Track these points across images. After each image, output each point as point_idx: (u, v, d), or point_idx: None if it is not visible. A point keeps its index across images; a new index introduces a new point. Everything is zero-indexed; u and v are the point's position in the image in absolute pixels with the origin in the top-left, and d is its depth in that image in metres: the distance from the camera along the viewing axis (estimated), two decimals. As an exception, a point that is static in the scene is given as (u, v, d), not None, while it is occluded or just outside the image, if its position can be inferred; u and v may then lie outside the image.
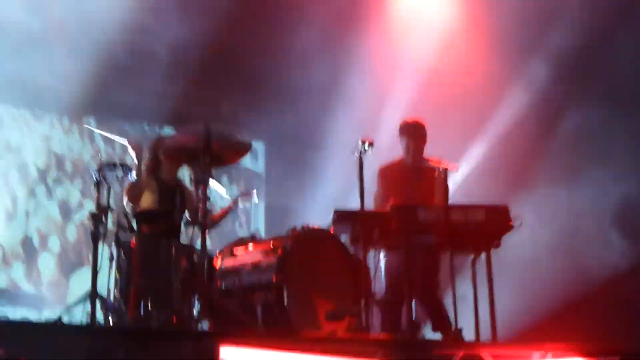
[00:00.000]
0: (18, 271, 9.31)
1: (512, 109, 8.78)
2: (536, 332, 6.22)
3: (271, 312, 5.88)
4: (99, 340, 4.70)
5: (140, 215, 6.34)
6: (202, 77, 9.67)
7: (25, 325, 5.17)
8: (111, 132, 7.26)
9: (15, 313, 8.61)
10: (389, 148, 7.18)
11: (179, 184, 6.80)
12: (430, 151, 7.02)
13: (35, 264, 9.39)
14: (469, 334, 6.22)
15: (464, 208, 6.43)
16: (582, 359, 5.61)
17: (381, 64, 9.25)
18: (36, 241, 9.49)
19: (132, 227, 6.15)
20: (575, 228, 8.41)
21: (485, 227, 6.39)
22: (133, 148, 6.46)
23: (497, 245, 6.46)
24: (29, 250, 9.39)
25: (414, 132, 7.04)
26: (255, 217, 10.76)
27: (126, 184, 6.41)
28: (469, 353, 5.43)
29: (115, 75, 9.22)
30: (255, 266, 6.13)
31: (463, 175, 8.07)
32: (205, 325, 5.71)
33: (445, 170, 6.46)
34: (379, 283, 6.84)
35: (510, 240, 6.54)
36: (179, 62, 9.22)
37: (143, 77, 9.44)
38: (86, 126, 7.03)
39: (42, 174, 9.70)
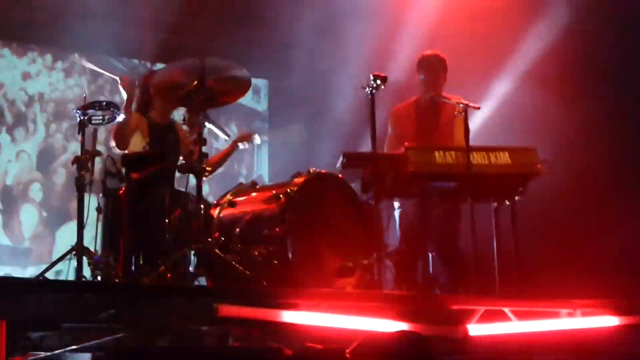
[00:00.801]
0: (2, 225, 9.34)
1: (540, 42, 8.67)
2: (563, 288, 6.20)
3: (274, 266, 5.89)
4: (87, 298, 4.73)
5: (129, 160, 6.27)
6: (198, 6, 9.60)
7: (5, 282, 5.22)
8: (102, 67, 7.17)
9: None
10: (401, 88, 7.14)
11: (172, 125, 6.78)
12: (449, 91, 6.97)
13: (16, 215, 9.41)
14: (490, 289, 6.24)
15: (486, 150, 6.40)
16: (612, 316, 5.62)
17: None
18: (16, 191, 9.50)
19: (121, 174, 6.12)
20: (609, 177, 8.34)
21: (510, 171, 6.38)
22: (125, 86, 6.42)
23: (523, 193, 6.44)
24: (8, 201, 9.41)
25: (433, 66, 6.98)
26: (258, 162, 10.75)
27: (114, 125, 6.38)
28: (490, 309, 5.46)
29: (101, 4, 9.15)
30: (257, 216, 6.12)
31: (486, 115, 7.99)
32: (201, 281, 5.72)
33: (466, 108, 6.41)
34: (393, 234, 6.85)
35: (536, 187, 6.52)
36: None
37: (132, 6, 9.38)
38: (76, 62, 6.94)
39: (21, 115, 9.67)
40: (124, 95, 6.42)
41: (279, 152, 10.41)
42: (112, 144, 6.46)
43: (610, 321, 5.62)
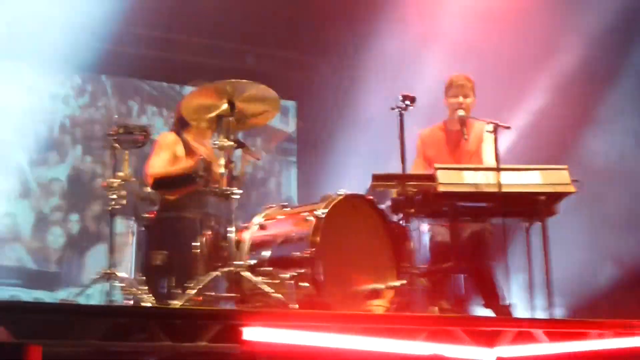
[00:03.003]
0: (30, 249, 9.40)
1: (570, 59, 8.66)
2: (595, 308, 6.18)
3: (304, 289, 5.90)
4: (118, 321, 4.76)
5: (161, 183, 6.35)
6: (226, 28, 9.66)
7: (37, 307, 5.27)
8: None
9: (29, 294, 8.75)
10: (429, 107, 7.15)
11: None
12: (477, 110, 6.99)
13: (47, 241, 9.48)
14: (521, 310, 6.22)
15: (517, 169, 6.41)
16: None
17: (419, 14, 9.16)
18: (48, 216, 9.56)
19: (152, 197, 6.17)
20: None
21: (541, 191, 6.37)
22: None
23: (554, 212, 6.43)
24: (41, 226, 9.48)
25: (461, 88, 6.99)
26: (287, 184, 10.78)
27: (148, 150, 6.45)
28: (520, 330, 5.46)
29: (129, 26, 9.24)
30: (287, 238, 6.14)
31: (515, 135, 7.99)
32: (231, 304, 5.74)
33: (496, 128, 6.42)
34: (424, 255, 6.85)
35: (568, 207, 6.50)
36: (199, 11, 9.22)
37: (161, 28, 9.45)
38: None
39: (52, 140, 9.75)
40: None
41: (308, 174, 10.44)
42: (148, 172, 6.50)
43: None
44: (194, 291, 5.68)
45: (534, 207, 6.41)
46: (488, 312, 6.59)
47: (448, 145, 7.04)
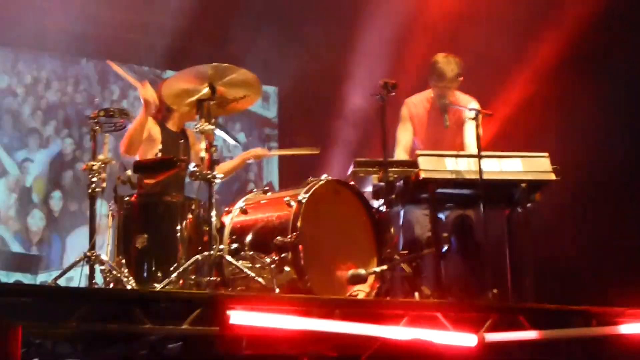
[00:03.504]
0: (11, 231, 9.35)
1: (554, 45, 8.65)
2: (579, 295, 6.21)
3: (286, 273, 5.88)
4: (99, 305, 4.74)
5: (141, 167, 6.30)
6: (207, 12, 9.61)
7: (18, 288, 5.24)
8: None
9: (8, 277, 8.70)
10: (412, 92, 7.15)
11: (184, 132, 6.82)
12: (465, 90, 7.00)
13: (27, 223, 9.43)
14: (504, 297, 6.23)
15: (498, 157, 6.41)
16: (629, 324, 5.61)
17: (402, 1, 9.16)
18: (29, 198, 9.51)
19: (132, 181, 6.13)
20: (629, 180, 8.32)
21: (522, 178, 6.37)
22: (146, 92, 6.47)
23: (535, 200, 6.44)
24: (22, 209, 9.43)
25: (445, 69, 6.95)
26: (267, 169, 10.77)
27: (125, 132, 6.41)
28: (503, 316, 5.47)
29: (110, 10, 9.18)
30: (268, 223, 6.12)
31: (498, 120, 7.99)
32: (212, 288, 5.72)
33: (478, 114, 6.42)
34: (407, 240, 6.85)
35: (551, 194, 6.51)
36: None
37: (140, 12, 9.40)
38: (108, 62, 6.90)
39: (32, 123, 9.70)
40: (143, 101, 6.46)
41: (289, 159, 10.41)
42: (121, 149, 6.49)
43: (627, 329, 5.61)
44: (175, 275, 5.66)
45: (515, 194, 6.42)
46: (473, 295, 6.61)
47: (430, 120, 7.03)
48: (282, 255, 5.89)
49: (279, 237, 5.94)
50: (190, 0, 9.26)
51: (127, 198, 6.04)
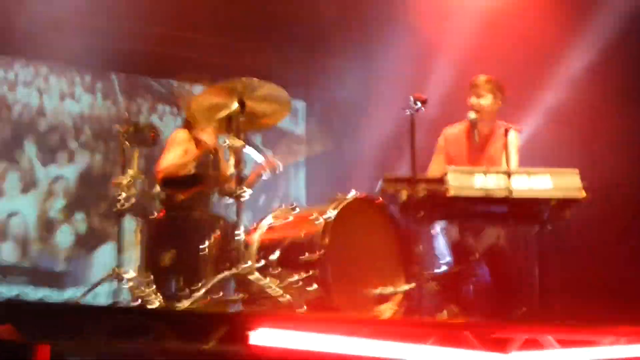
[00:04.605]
0: (38, 248, 9.37)
1: (583, 61, 8.59)
2: (608, 315, 6.13)
3: (313, 291, 5.87)
4: (125, 322, 4.74)
5: (170, 182, 6.32)
6: (237, 27, 9.63)
7: (45, 306, 5.25)
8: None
9: (36, 292, 8.73)
10: (440, 107, 7.12)
11: (214, 148, 6.83)
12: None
13: (55, 239, 9.46)
14: (532, 315, 6.18)
15: (527, 173, 6.37)
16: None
17: (430, 12, 9.12)
18: (57, 214, 9.54)
19: (160, 197, 6.15)
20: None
21: (551, 195, 6.32)
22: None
23: (566, 217, 6.39)
24: (49, 225, 9.46)
25: (481, 89, 6.94)
26: (295, 185, 10.75)
27: (158, 149, 6.44)
28: (530, 336, 5.42)
29: (140, 24, 9.21)
30: (295, 240, 6.10)
31: (528, 136, 7.93)
32: (239, 306, 5.72)
33: (507, 131, 6.38)
34: (434, 258, 6.81)
35: (581, 211, 6.46)
36: (207, 9, 9.19)
37: (169, 26, 9.43)
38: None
39: (62, 139, 9.72)
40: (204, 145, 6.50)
41: (317, 175, 10.40)
42: (158, 174, 6.49)
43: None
44: (201, 292, 5.65)
45: (545, 212, 6.37)
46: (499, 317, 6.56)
47: (469, 147, 7.00)
48: (309, 272, 5.88)
49: (306, 254, 5.93)
50: (218, 15, 9.28)
51: (154, 214, 6.04)
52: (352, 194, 6.25)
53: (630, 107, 8.39)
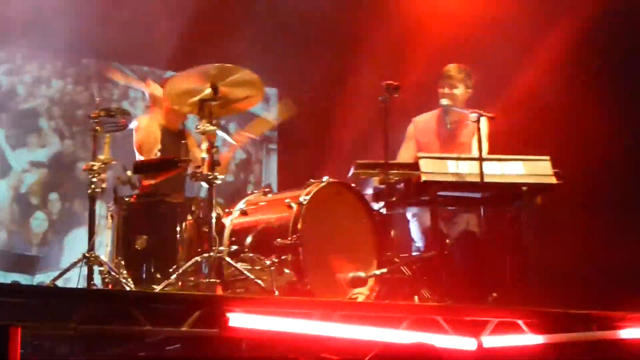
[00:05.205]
0: (9, 232, 9.31)
1: (556, 46, 8.61)
2: (579, 300, 6.18)
3: (286, 275, 5.86)
4: (97, 306, 4.72)
5: (142, 167, 6.28)
6: (209, 13, 9.59)
7: (17, 289, 5.22)
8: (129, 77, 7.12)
9: (5, 277, 8.66)
10: (414, 96, 7.13)
11: (182, 132, 6.81)
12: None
13: (27, 223, 9.40)
14: (506, 300, 6.21)
15: (499, 160, 6.39)
16: (630, 329, 5.59)
17: (408, 4, 9.12)
18: (29, 199, 9.48)
19: (132, 181, 6.11)
20: (632, 183, 8.28)
21: (523, 182, 6.35)
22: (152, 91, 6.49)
23: (538, 203, 6.42)
24: (23, 209, 9.40)
25: (452, 78, 6.96)
26: (266, 170, 10.74)
27: (133, 133, 6.42)
28: (504, 320, 5.45)
29: (111, 9, 9.16)
30: (269, 224, 6.10)
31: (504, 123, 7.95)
32: (212, 289, 5.70)
33: (479, 118, 6.40)
34: (407, 243, 6.83)
35: (552, 197, 6.49)
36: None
37: (142, 12, 9.38)
38: (114, 65, 6.81)
39: (33, 122, 9.66)
40: (151, 98, 6.47)
41: (288, 161, 10.39)
42: (136, 150, 6.48)
43: (628, 333, 5.59)
44: (174, 276, 5.64)
45: (517, 197, 6.41)
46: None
47: (439, 134, 7.02)
48: (282, 257, 5.89)
49: (279, 239, 5.93)
50: (193, 0, 9.24)
51: (127, 199, 6.02)
52: (325, 179, 6.24)
53: (605, 92, 8.43)
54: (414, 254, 6.71)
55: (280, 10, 9.71)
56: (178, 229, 5.96)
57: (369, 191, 6.50)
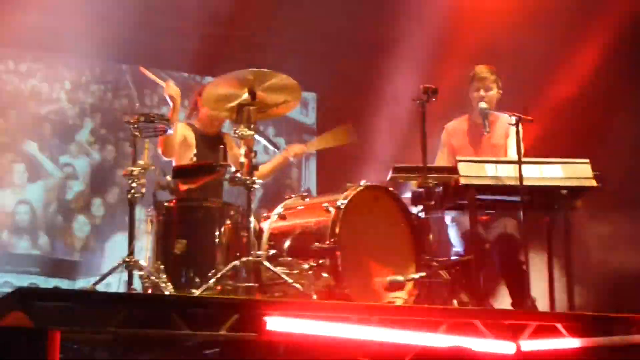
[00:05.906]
0: (51, 237, 9.40)
1: (596, 48, 8.55)
2: (619, 304, 6.13)
3: (324, 279, 5.88)
4: (137, 311, 4.75)
5: (180, 172, 6.33)
6: (247, 18, 9.64)
7: (57, 294, 5.27)
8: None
9: (47, 283, 8.75)
10: (451, 100, 7.11)
11: (221, 136, 6.85)
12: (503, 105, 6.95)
13: (69, 229, 9.49)
14: (543, 304, 6.18)
15: (538, 163, 6.36)
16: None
17: (442, 8, 9.11)
18: (70, 205, 9.57)
19: (171, 186, 6.16)
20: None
21: (562, 185, 6.31)
22: (170, 92, 6.51)
23: (577, 206, 6.38)
24: (63, 215, 9.49)
25: (485, 80, 6.95)
26: (306, 175, 10.77)
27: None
28: (543, 323, 5.43)
29: (150, 16, 9.23)
30: (307, 228, 6.12)
31: (539, 127, 7.91)
32: (250, 293, 5.72)
33: (519, 121, 6.37)
34: (445, 247, 6.82)
35: (592, 201, 6.44)
36: (218, 2, 9.21)
37: (180, 19, 9.45)
38: (140, 69, 6.87)
39: (72, 129, 9.75)
40: (170, 102, 6.50)
41: (327, 165, 10.40)
42: (159, 150, 6.54)
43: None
44: (213, 280, 5.66)
45: (556, 201, 6.37)
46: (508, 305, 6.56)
47: (471, 137, 7.01)
48: (320, 261, 5.89)
49: (316, 243, 5.94)
50: (229, 6, 9.29)
51: (165, 203, 6.06)
52: (363, 183, 6.24)
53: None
54: (452, 258, 6.69)
55: (317, 14, 9.72)
56: (216, 233, 5.98)
57: (407, 195, 6.48)
